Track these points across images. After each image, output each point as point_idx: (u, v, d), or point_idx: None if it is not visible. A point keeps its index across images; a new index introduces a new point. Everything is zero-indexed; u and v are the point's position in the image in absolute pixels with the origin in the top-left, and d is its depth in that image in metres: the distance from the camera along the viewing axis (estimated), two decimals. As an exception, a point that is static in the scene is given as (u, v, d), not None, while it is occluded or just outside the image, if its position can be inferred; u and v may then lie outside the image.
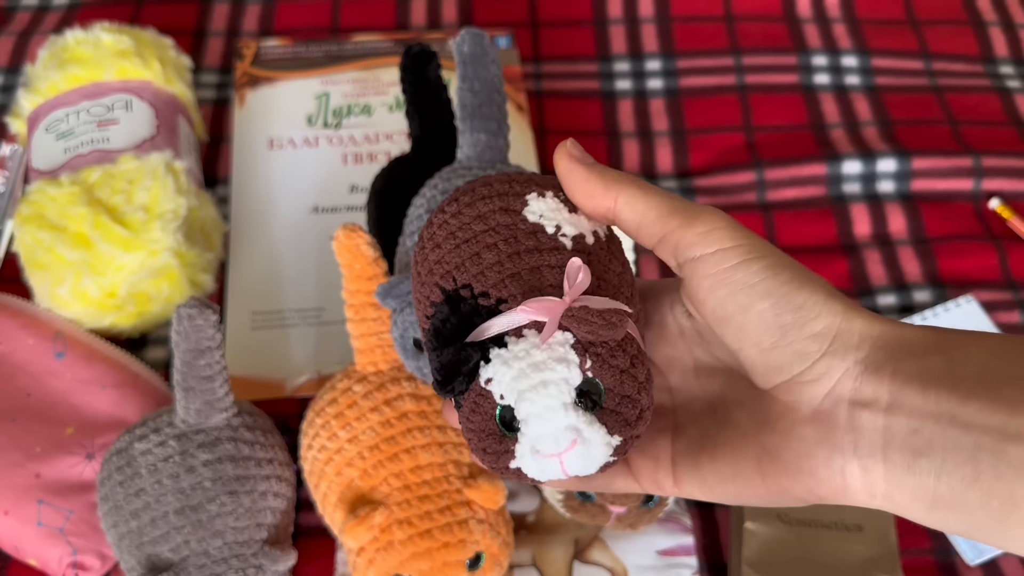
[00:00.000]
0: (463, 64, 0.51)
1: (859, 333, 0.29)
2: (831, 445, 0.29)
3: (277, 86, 0.76)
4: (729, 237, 0.30)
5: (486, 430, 0.30)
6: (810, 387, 0.29)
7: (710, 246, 0.30)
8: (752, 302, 0.29)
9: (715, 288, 0.30)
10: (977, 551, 0.57)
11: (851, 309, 0.29)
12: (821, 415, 0.29)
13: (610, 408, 0.30)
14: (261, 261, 0.68)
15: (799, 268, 0.30)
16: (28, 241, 0.59)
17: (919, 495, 0.27)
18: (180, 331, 0.47)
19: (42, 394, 0.58)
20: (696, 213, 0.31)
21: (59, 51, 0.66)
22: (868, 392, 0.28)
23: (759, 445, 0.30)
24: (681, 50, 0.82)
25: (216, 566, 0.49)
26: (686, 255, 0.31)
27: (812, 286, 0.29)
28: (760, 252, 0.30)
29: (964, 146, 0.75)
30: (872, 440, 0.28)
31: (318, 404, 0.54)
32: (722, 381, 0.34)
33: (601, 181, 0.32)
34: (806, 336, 0.29)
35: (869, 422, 0.28)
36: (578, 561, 0.56)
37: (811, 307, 0.29)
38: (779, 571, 0.54)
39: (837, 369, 0.29)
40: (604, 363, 0.30)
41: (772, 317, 0.29)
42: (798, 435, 0.29)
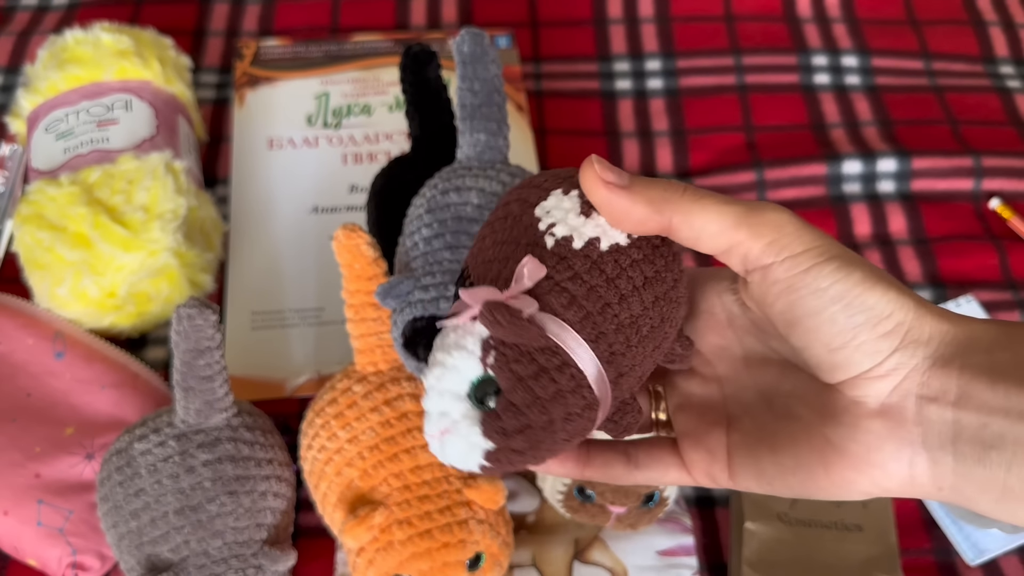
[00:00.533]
0: (463, 64, 0.51)
1: (929, 329, 0.29)
2: (900, 438, 0.29)
3: (277, 86, 0.76)
4: (798, 242, 0.29)
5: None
6: (878, 382, 0.29)
7: (779, 254, 0.29)
8: (824, 305, 0.29)
9: (784, 293, 0.30)
10: (977, 551, 0.57)
11: (922, 305, 0.29)
12: (889, 409, 0.29)
13: (497, 412, 0.29)
14: (261, 261, 0.68)
15: (869, 266, 0.30)
16: (28, 241, 0.59)
17: (988, 487, 0.28)
18: (180, 331, 0.47)
19: (42, 394, 0.58)
20: (760, 219, 0.29)
21: (59, 51, 0.66)
22: (936, 386, 0.28)
23: (823, 438, 0.30)
24: (681, 50, 0.82)
25: (216, 566, 0.49)
26: (755, 264, 0.30)
27: (884, 284, 0.29)
28: (830, 253, 0.29)
29: (964, 146, 0.75)
30: (941, 433, 0.28)
31: (318, 404, 0.54)
32: (776, 372, 0.34)
33: (649, 205, 0.29)
34: (878, 335, 0.29)
35: (938, 415, 0.28)
36: (578, 561, 0.56)
37: (884, 306, 0.29)
38: (779, 571, 0.54)
39: (906, 365, 0.29)
40: (504, 365, 0.29)
41: (844, 319, 0.29)
42: (865, 428, 0.29)
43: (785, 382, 0.33)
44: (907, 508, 0.59)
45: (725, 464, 0.33)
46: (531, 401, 0.29)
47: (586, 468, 0.35)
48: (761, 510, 0.56)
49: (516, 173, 0.54)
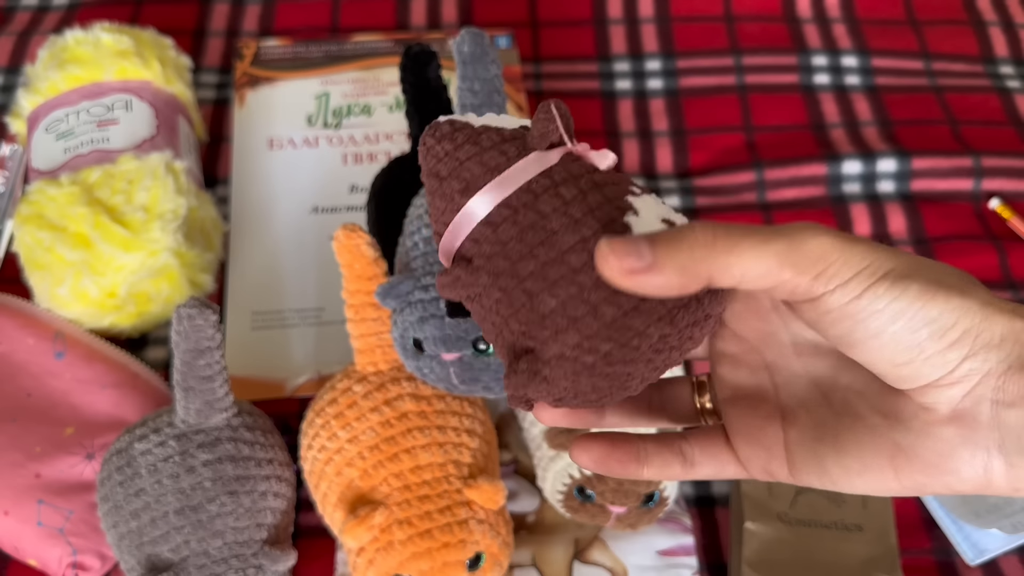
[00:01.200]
0: (463, 64, 0.51)
1: (1000, 332, 0.27)
2: (974, 444, 0.28)
3: (277, 86, 0.76)
4: (846, 268, 0.27)
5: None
6: (948, 390, 0.28)
7: (828, 284, 0.27)
8: (883, 326, 0.27)
9: (839, 320, 0.28)
10: (977, 551, 0.57)
11: (989, 305, 0.28)
12: (962, 415, 0.28)
13: None
14: (261, 261, 0.68)
15: (927, 273, 0.28)
16: (28, 241, 0.59)
17: None
18: (180, 331, 0.47)
19: (42, 394, 0.58)
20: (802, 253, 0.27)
21: (59, 51, 0.66)
22: (1013, 391, 0.27)
23: (892, 442, 0.29)
24: (681, 50, 0.82)
25: (216, 566, 0.49)
26: (805, 297, 0.28)
27: (945, 291, 0.27)
28: (882, 270, 0.27)
29: (964, 146, 0.75)
30: (1021, 437, 0.27)
31: (318, 404, 0.54)
32: (830, 363, 0.32)
33: (682, 273, 0.27)
34: (945, 345, 0.27)
35: (1016, 420, 0.27)
36: (578, 561, 0.56)
37: (947, 316, 0.27)
38: (779, 571, 0.54)
39: (979, 371, 0.28)
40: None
41: (907, 336, 0.27)
42: (937, 435, 0.28)
43: (842, 375, 0.32)
44: (907, 508, 0.59)
45: (784, 461, 0.32)
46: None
47: (644, 468, 0.34)
48: (761, 510, 0.56)
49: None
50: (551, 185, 0.29)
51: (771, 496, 0.56)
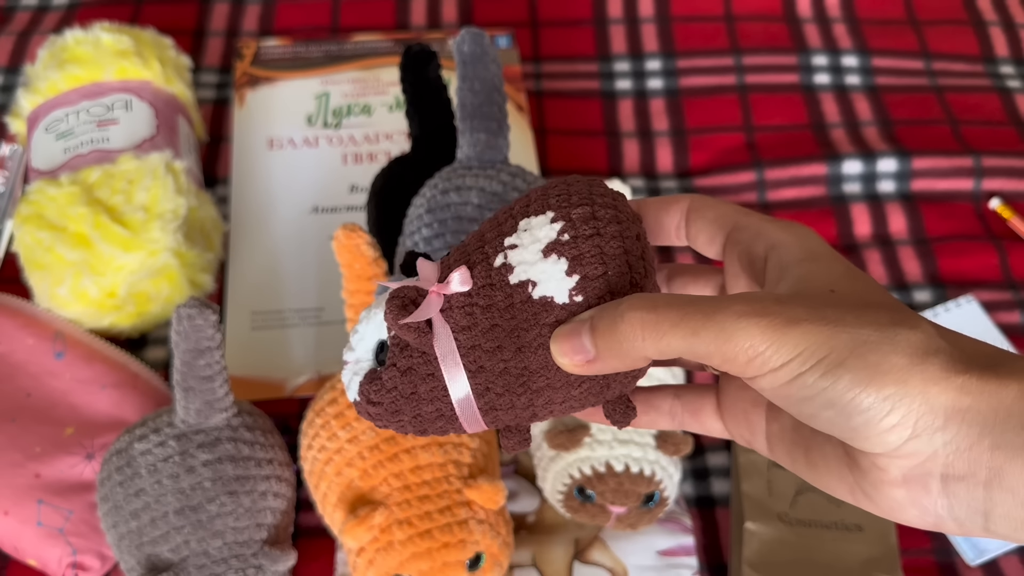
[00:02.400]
0: (463, 64, 0.51)
1: (944, 413, 0.27)
2: (924, 507, 0.28)
3: (277, 86, 0.76)
4: (776, 356, 0.27)
5: None
6: (897, 462, 0.28)
7: (759, 370, 0.28)
8: (817, 411, 0.28)
9: (778, 399, 0.29)
10: (977, 551, 0.57)
11: (931, 382, 0.27)
12: (912, 481, 0.28)
13: (379, 374, 0.32)
14: (261, 261, 0.68)
15: (867, 357, 0.27)
16: (28, 241, 0.59)
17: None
18: (180, 331, 0.47)
19: (42, 394, 0.58)
20: (731, 344, 0.28)
21: (59, 51, 0.66)
22: (962, 468, 0.27)
23: (852, 480, 0.30)
24: (681, 50, 0.82)
25: (216, 566, 0.49)
26: (743, 377, 0.29)
27: (879, 379, 0.27)
28: (815, 357, 0.27)
29: (964, 146, 0.75)
30: (971, 507, 0.27)
31: (318, 404, 0.54)
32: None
33: (622, 360, 0.29)
34: (882, 431, 0.27)
35: (966, 493, 0.27)
36: (578, 561, 0.56)
37: (880, 405, 0.27)
38: (779, 571, 0.54)
39: (923, 452, 0.27)
40: (395, 345, 0.31)
41: (843, 422, 0.27)
42: (888, 494, 0.29)
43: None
44: (907, 508, 0.59)
45: (765, 443, 0.33)
46: (393, 387, 0.31)
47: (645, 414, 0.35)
48: (761, 510, 0.56)
49: (516, 173, 0.54)
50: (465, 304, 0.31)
51: (771, 496, 0.56)
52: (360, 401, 0.32)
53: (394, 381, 0.31)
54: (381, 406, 0.32)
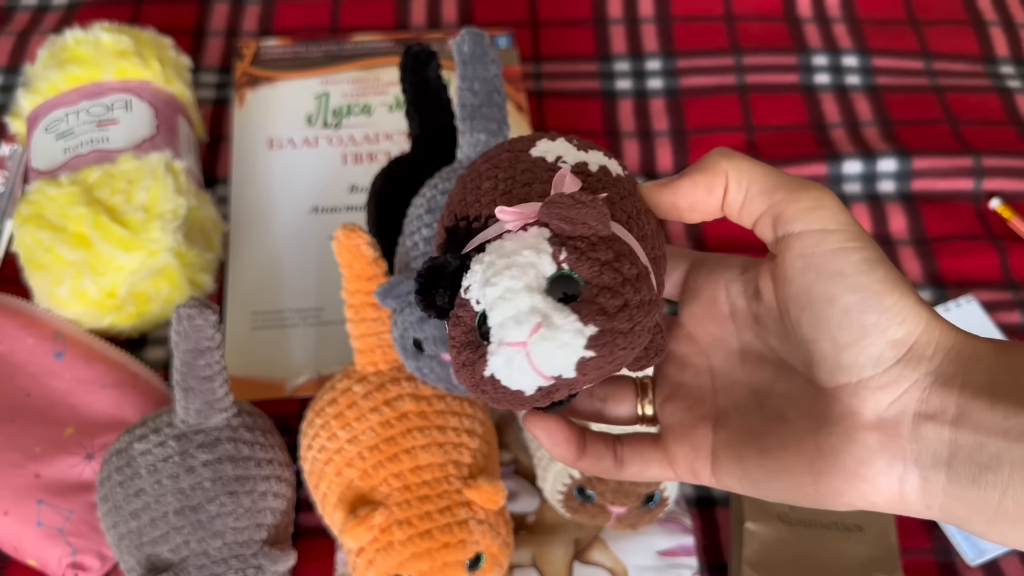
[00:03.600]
0: (463, 64, 0.51)
1: (936, 344, 0.28)
2: (892, 454, 0.28)
3: (277, 86, 0.76)
4: (833, 218, 0.29)
5: (464, 341, 0.29)
6: (877, 393, 0.29)
7: (812, 223, 0.29)
8: (840, 294, 0.29)
9: (806, 270, 0.29)
10: (977, 551, 0.57)
11: (934, 319, 0.29)
12: (885, 423, 0.29)
13: (586, 299, 0.28)
14: (261, 261, 0.68)
15: (894, 268, 0.29)
16: (28, 241, 0.59)
17: (981, 508, 0.27)
18: (180, 331, 0.47)
19: (42, 394, 0.58)
20: (803, 187, 0.30)
21: (59, 51, 0.66)
22: (935, 404, 0.28)
23: (814, 446, 0.30)
24: (681, 50, 0.82)
25: (216, 566, 0.49)
26: (786, 229, 0.30)
27: (903, 289, 0.29)
28: (862, 242, 0.29)
29: (964, 146, 0.75)
30: (936, 452, 0.28)
31: (318, 404, 0.54)
32: (771, 372, 0.33)
33: (704, 172, 0.31)
34: (887, 340, 0.28)
35: (934, 434, 0.28)
36: (578, 561, 0.56)
37: (898, 311, 0.28)
38: (779, 571, 0.54)
39: (908, 378, 0.28)
40: (582, 255, 0.28)
41: (857, 314, 0.28)
42: (859, 440, 0.29)
43: (780, 383, 0.33)
44: (907, 508, 0.59)
45: (708, 461, 0.33)
46: (622, 281, 0.28)
47: (582, 456, 0.34)
48: (761, 510, 0.56)
49: (516, 173, 0.54)
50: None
51: (771, 496, 0.56)
52: (602, 332, 0.27)
53: (610, 278, 0.28)
54: (622, 316, 0.28)
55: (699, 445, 0.33)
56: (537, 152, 0.32)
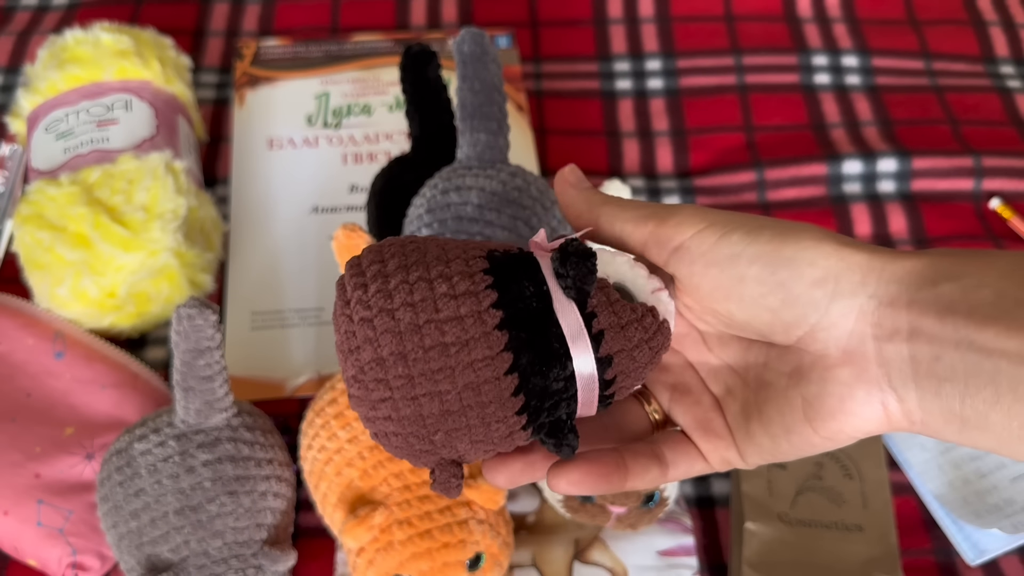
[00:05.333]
0: (463, 64, 0.51)
1: (861, 269, 0.29)
2: (867, 381, 0.29)
3: (277, 86, 0.76)
4: (701, 219, 0.31)
5: None
6: (832, 331, 0.30)
7: (686, 232, 0.31)
8: (744, 270, 0.30)
9: (705, 269, 0.31)
10: (978, 551, 0.57)
11: (845, 246, 0.30)
12: (851, 354, 0.30)
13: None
14: (261, 261, 0.68)
15: (780, 225, 0.31)
16: (27, 241, 0.59)
17: (949, 418, 0.28)
18: (180, 331, 0.47)
19: (42, 394, 0.58)
20: (669, 211, 0.32)
21: (59, 51, 0.66)
22: (888, 324, 0.29)
23: (800, 398, 0.31)
24: (681, 50, 0.82)
25: (216, 566, 0.49)
26: (668, 247, 0.32)
27: (796, 236, 0.30)
28: (735, 224, 0.31)
29: (964, 146, 0.75)
30: (902, 370, 0.29)
31: (318, 404, 0.53)
32: (737, 347, 0.34)
33: (586, 204, 0.35)
34: (807, 285, 0.29)
35: (895, 353, 0.29)
36: (578, 561, 0.56)
37: (801, 255, 0.30)
38: (779, 571, 0.54)
39: (851, 307, 0.29)
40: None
41: (768, 276, 0.30)
42: (834, 379, 0.30)
43: (750, 355, 0.34)
44: (907, 508, 0.59)
45: (734, 447, 0.34)
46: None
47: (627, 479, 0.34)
48: (761, 510, 0.56)
49: (516, 173, 0.54)
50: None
51: (771, 496, 0.56)
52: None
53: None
54: None
55: (722, 434, 0.34)
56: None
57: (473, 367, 0.29)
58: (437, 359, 0.29)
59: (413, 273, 0.30)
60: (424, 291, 0.29)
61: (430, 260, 0.30)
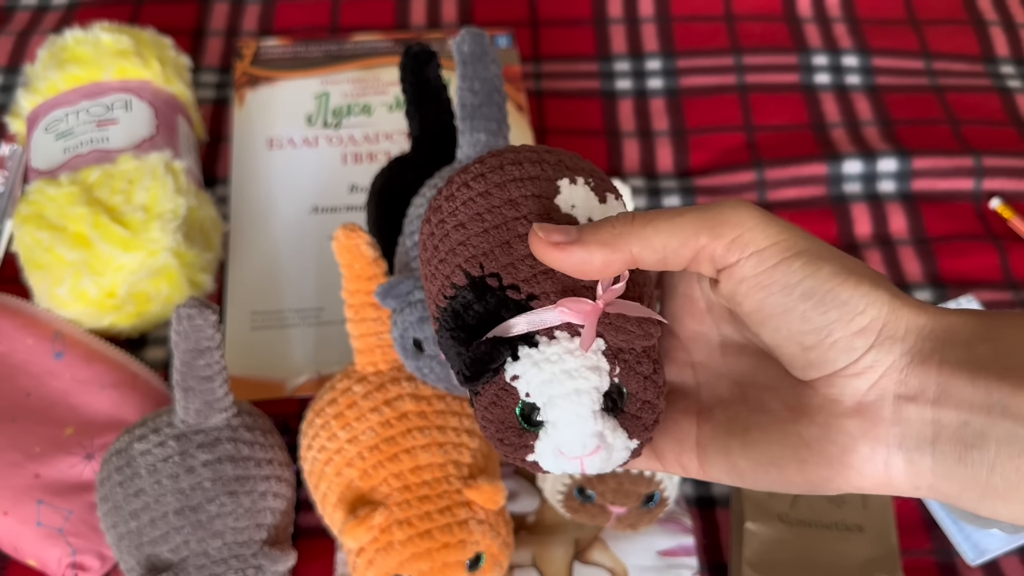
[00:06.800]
0: (463, 64, 0.51)
1: (905, 324, 0.28)
2: (875, 439, 0.28)
3: (277, 86, 0.76)
4: (763, 236, 0.29)
5: (506, 423, 0.31)
6: (854, 380, 0.28)
7: (743, 250, 0.29)
8: (794, 304, 0.28)
9: (753, 291, 0.29)
10: (978, 551, 0.57)
11: (897, 298, 0.28)
12: (865, 408, 0.28)
13: (631, 413, 0.30)
14: (261, 261, 0.68)
15: (841, 258, 0.29)
16: (27, 241, 0.59)
17: (970, 486, 0.27)
18: (180, 331, 0.47)
19: (41, 394, 0.58)
20: (720, 220, 0.29)
21: (58, 51, 0.66)
22: (915, 384, 0.28)
23: (797, 436, 0.30)
24: (681, 50, 0.82)
25: (216, 566, 0.48)
26: (722, 263, 0.29)
27: (856, 278, 0.28)
28: (798, 248, 0.28)
29: (965, 146, 0.75)
30: (920, 433, 0.27)
31: (318, 404, 0.53)
32: (752, 362, 0.33)
33: (604, 247, 0.29)
34: (852, 332, 0.28)
35: (916, 415, 0.27)
36: (578, 561, 0.56)
37: (856, 302, 0.28)
38: (780, 571, 0.54)
39: (883, 363, 0.28)
40: (631, 369, 0.30)
41: (816, 316, 0.28)
42: (840, 429, 0.29)
43: (760, 374, 0.32)
44: (907, 508, 0.59)
45: (695, 454, 0.33)
46: (658, 392, 0.31)
47: None
48: (761, 510, 0.56)
49: (516, 173, 0.54)
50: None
51: (771, 496, 0.56)
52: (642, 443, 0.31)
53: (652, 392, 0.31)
54: (656, 426, 0.31)
55: (683, 439, 0.33)
56: (566, 207, 0.32)
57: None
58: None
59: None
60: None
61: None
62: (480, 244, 0.31)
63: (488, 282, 0.31)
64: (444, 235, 0.32)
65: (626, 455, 0.31)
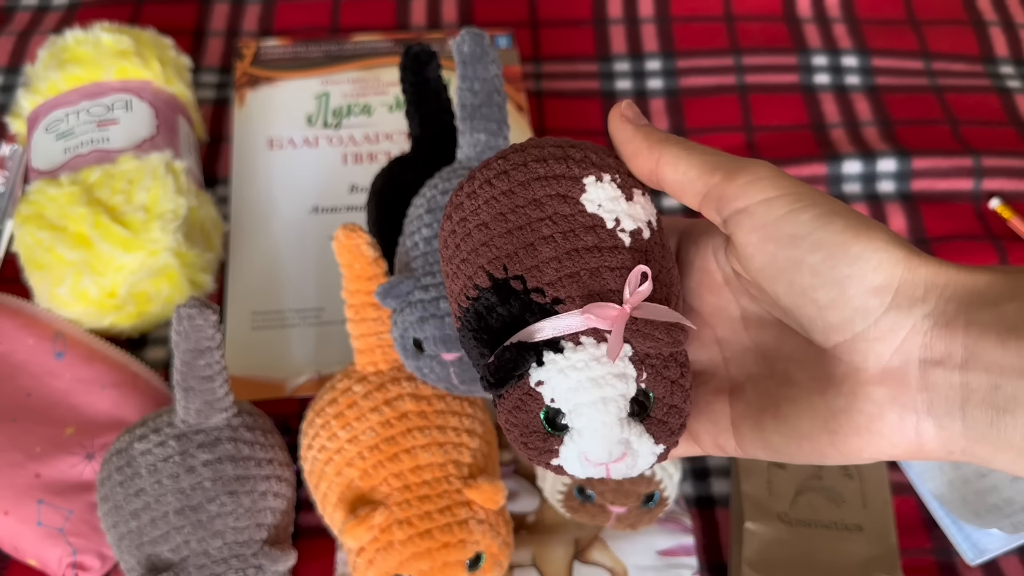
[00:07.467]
0: (463, 64, 0.51)
1: (924, 283, 0.27)
2: (903, 405, 0.27)
3: (277, 86, 0.76)
4: (774, 186, 0.29)
5: (530, 427, 0.30)
6: (876, 345, 0.27)
7: (754, 196, 0.29)
8: (803, 255, 0.28)
9: (763, 243, 0.29)
10: (977, 551, 0.57)
11: (914, 256, 0.27)
12: (890, 374, 0.27)
13: (658, 418, 0.30)
14: (261, 261, 0.68)
15: (854, 215, 0.28)
16: (28, 241, 0.59)
17: (1005, 448, 0.26)
18: (180, 331, 0.47)
19: (42, 394, 0.58)
20: (740, 165, 0.29)
21: (59, 51, 0.66)
22: (940, 348, 0.26)
23: (825, 407, 0.29)
24: (681, 50, 0.82)
25: (216, 566, 0.49)
26: (730, 208, 0.29)
27: (870, 233, 0.27)
28: (810, 200, 0.28)
29: (964, 146, 0.75)
30: (949, 398, 0.26)
31: (318, 404, 0.54)
32: (775, 333, 0.32)
33: (646, 141, 0.32)
34: (866, 290, 0.27)
35: (944, 380, 0.26)
36: (578, 561, 0.56)
37: (869, 257, 0.27)
38: (779, 571, 0.54)
39: (903, 325, 0.27)
40: (658, 374, 0.30)
41: (827, 271, 0.27)
42: (866, 397, 0.28)
43: (784, 344, 0.32)
44: (907, 508, 0.59)
45: (731, 434, 0.32)
46: (684, 396, 0.30)
47: None
48: (761, 510, 0.56)
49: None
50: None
51: (771, 496, 0.56)
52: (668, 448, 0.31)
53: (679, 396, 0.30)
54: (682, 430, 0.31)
55: (719, 419, 0.32)
56: (592, 207, 0.31)
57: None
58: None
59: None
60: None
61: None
62: (504, 245, 0.31)
63: (512, 285, 0.30)
64: (466, 234, 0.32)
65: (652, 460, 0.30)
